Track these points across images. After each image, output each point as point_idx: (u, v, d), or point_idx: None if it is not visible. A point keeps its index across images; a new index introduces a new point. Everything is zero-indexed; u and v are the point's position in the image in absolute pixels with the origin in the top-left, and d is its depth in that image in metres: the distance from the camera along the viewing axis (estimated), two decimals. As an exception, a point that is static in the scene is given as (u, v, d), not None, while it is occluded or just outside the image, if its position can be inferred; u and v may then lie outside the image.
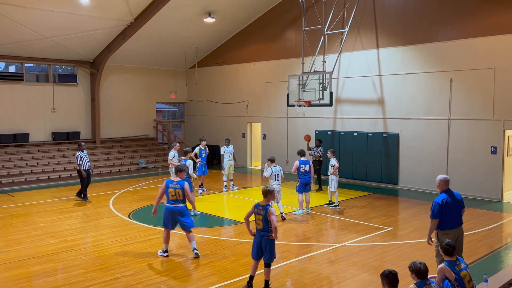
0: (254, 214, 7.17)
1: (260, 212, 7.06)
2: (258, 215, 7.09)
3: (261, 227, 7.06)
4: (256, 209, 7.15)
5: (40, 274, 8.05)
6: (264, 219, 6.99)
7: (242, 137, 21.97)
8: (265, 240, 7.03)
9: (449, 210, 6.98)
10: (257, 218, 7.10)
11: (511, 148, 14.52)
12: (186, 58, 23.31)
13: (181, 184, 8.74)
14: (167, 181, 8.90)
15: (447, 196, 7.06)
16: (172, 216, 8.79)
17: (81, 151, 14.08)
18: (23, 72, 19.40)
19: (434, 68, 15.28)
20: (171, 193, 8.75)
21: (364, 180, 17.18)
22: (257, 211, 7.12)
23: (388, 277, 4.82)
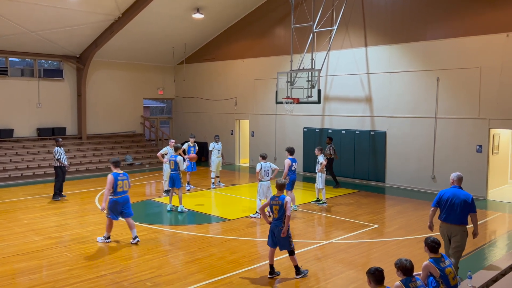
0: (271, 206, 7.61)
1: (276, 203, 7.54)
2: (275, 206, 7.56)
3: (277, 216, 7.54)
4: (273, 201, 7.61)
5: (24, 271, 7.94)
6: (280, 208, 7.48)
7: (231, 134, 21.93)
8: (278, 230, 7.51)
9: (446, 204, 7.19)
10: (274, 208, 7.58)
11: (496, 146, 14.71)
12: (174, 54, 23.17)
13: (127, 176, 9.51)
14: (114, 174, 9.29)
15: (450, 191, 7.27)
16: (119, 206, 9.39)
17: (59, 146, 13.78)
18: (7, 67, 19.08)
19: (421, 67, 15.39)
20: (120, 185, 9.28)
21: (351, 177, 17.27)
22: (273, 202, 7.59)
23: (375, 274, 4.85)
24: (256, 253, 9.17)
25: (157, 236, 10.24)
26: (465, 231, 7.15)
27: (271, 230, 7.66)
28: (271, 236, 7.66)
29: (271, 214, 7.72)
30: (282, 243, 7.60)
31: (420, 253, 8.29)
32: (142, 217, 12.05)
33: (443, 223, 7.28)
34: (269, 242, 7.74)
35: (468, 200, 7.09)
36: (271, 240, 7.68)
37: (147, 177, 18.28)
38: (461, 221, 7.11)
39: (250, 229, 10.80)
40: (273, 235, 7.63)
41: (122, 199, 9.38)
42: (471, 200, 7.12)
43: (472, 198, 7.19)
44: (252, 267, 8.21)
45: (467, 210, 7.08)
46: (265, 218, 7.97)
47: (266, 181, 11.66)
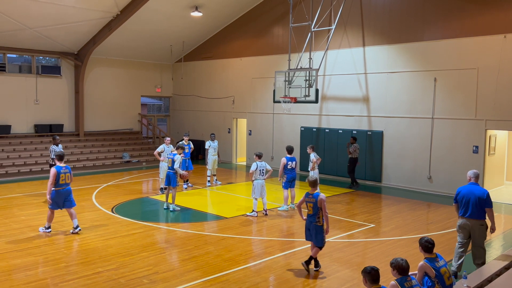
0: (306, 202, 7.88)
1: (310, 200, 7.81)
2: (308, 203, 7.85)
3: (312, 212, 7.83)
4: (307, 198, 7.87)
5: (20, 268, 7.94)
6: (314, 205, 7.75)
7: (228, 133, 21.94)
8: (313, 226, 7.85)
9: (463, 200, 7.67)
10: (308, 205, 7.87)
11: (493, 147, 14.77)
12: (172, 52, 23.15)
13: (70, 169, 10.02)
14: (57, 167, 9.80)
15: (466, 187, 7.73)
16: (61, 197, 9.85)
17: (56, 145, 13.58)
18: (5, 63, 19.04)
19: (418, 67, 15.44)
20: (62, 178, 9.80)
21: (348, 177, 17.29)
22: (307, 199, 7.86)
23: (370, 274, 4.88)
24: (252, 251, 9.20)
25: (154, 234, 10.25)
26: (483, 225, 7.61)
27: (307, 227, 7.97)
28: (307, 231, 8.00)
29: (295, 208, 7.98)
30: (316, 239, 7.86)
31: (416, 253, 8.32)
32: (139, 215, 12.07)
33: (461, 218, 7.76)
34: (306, 237, 8.08)
35: (483, 196, 7.51)
36: (307, 234, 8.02)
37: (143, 175, 18.29)
38: (478, 216, 7.56)
39: (246, 227, 10.83)
40: (308, 231, 7.95)
41: (64, 190, 9.87)
42: (487, 196, 7.54)
43: (488, 194, 7.59)
44: (248, 265, 8.24)
45: (483, 205, 7.52)
46: (300, 215, 8.23)
47: (261, 180, 11.72)
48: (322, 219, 7.83)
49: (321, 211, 7.77)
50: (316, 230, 7.85)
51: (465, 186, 7.80)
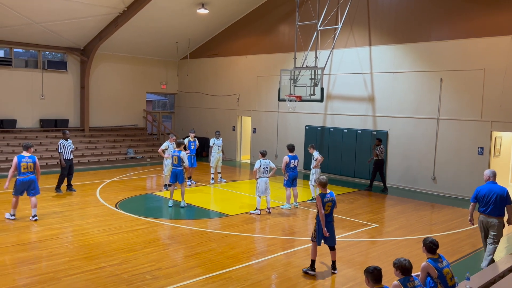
0: (324, 204, 7.72)
1: (330, 199, 7.83)
2: (328, 203, 7.81)
3: (329, 212, 7.83)
4: (326, 198, 7.78)
5: (24, 261, 7.99)
6: (333, 205, 7.88)
7: (232, 130, 21.94)
8: (331, 225, 7.90)
9: (484, 198, 7.97)
10: (327, 205, 7.80)
11: (498, 149, 14.69)
12: (178, 49, 23.16)
13: (33, 159, 10.49)
14: (18, 156, 10.36)
15: (486, 186, 8.07)
16: (24, 185, 10.36)
17: (65, 139, 13.62)
18: (11, 57, 19.12)
19: (425, 68, 15.37)
20: (24, 166, 10.31)
21: (352, 176, 17.29)
22: (327, 200, 7.79)
23: (373, 273, 4.87)
24: (255, 249, 9.21)
25: (157, 230, 10.28)
26: (502, 223, 7.96)
27: (323, 229, 7.66)
28: (323, 235, 7.70)
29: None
30: (334, 238, 7.90)
31: (419, 253, 8.32)
32: (142, 211, 12.11)
33: (482, 214, 8.01)
34: (324, 241, 7.82)
35: (504, 193, 7.89)
36: (327, 237, 7.75)
37: (148, 171, 18.33)
38: (498, 213, 7.88)
39: (249, 225, 10.84)
40: (322, 234, 7.70)
41: (27, 179, 10.38)
42: (507, 194, 7.90)
43: (507, 191, 7.93)
44: (250, 263, 8.25)
45: (503, 203, 7.86)
46: (323, 222, 7.69)
47: (265, 178, 11.75)
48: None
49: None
50: (333, 229, 7.91)
51: (485, 185, 8.09)
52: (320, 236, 7.77)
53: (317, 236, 7.80)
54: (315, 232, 7.85)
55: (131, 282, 7.20)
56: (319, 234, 7.77)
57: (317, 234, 7.80)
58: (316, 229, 7.81)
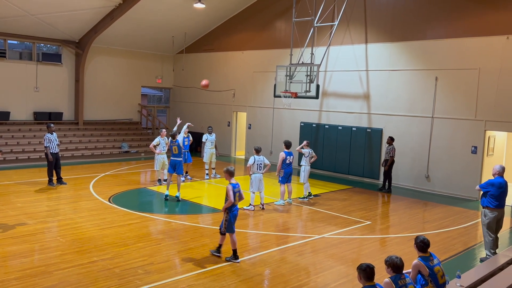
0: (235, 193, 8.04)
1: (238, 190, 8.12)
2: (237, 193, 8.10)
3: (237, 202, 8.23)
4: (235, 189, 8.07)
5: (16, 255, 7.96)
6: (239, 195, 8.22)
7: (227, 126, 21.91)
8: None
9: (498, 192, 8.36)
10: (236, 195, 8.09)
11: (491, 148, 14.77)
12: (174, 43, 23.07)
13: None
14: None
15: (497, 181, 8.42)
16: None
17: (50, 133, 13.46)
18: (6, 49, 18.98)
19: (420, 66, 15.40)
20: None
21: (346, 173, 17.32)
22: (236, 190, 8.07)
23: (365, 271, 4.88)
24: (248, 244, 9.22)
25: (150, 225, 10.27)
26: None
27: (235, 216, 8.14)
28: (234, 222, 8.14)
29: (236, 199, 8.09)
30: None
31: (411, 251, 8.35)
32: (136, 205, 12.08)
33: (497, 209, 8.45)
34: (232, 229, 8.12)
35: (507, 187, 8.51)
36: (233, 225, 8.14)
37: (142, 165, 18.29)
38: (504, 206, 8.58)
39: (242, 221, 10.83)
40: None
41: None
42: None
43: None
44: (243, 259, 8.25)
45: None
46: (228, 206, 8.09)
47: (259, 174, 11.76)
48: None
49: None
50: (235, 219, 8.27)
51: (495, 180, 8.44)
52: (232, 225, 8.08)
53: (228, 226, 8.05)
54: (226, 223, 8.04)
55: (123, 277, 7.19)
56: (230, 224, 8.04)
57: (228, 224, 8.05)
58: (228, 220, 8.03)
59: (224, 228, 8.07)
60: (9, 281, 6.86)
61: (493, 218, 8.48)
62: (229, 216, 8.04)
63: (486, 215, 8.54)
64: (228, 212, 8.05)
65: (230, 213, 8.05)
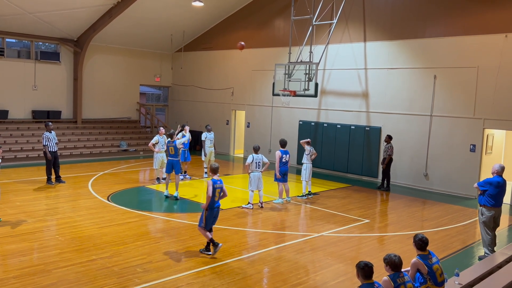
0: (215, 189, 8.16)
1: (219, 186, 8.24)
2: (217, 189, 8.22)
3: (218, 199, 8.26)
4: (216, 185, 8.19)
5: (14, 253, 7.95)
6: (221, 191, 8.29)
7: (226, 124, 21.91)
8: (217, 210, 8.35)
9: (496, 191, 8.42)
10: (217, 191, 8.21)
11: (490, 146, 14.79)
12: (172, 42, 23.04)
13: None
14: None
15: (495, 180, 8.45)
16: None
17: (49, 131, 13.46)
18: (4, 47, 18.93)
19: (419, 64, 15.41)
20: None
21: (344, 172, 17.33)
22: (217, 186, 8.19)
23: (364, 270, 4.89)
24: (246, 243, 9.23)
25: (149, 223, 10.27)
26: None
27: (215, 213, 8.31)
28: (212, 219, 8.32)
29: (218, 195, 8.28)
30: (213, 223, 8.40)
31: (409, 249, 8.37)
32: (135, 204, 12.08)
33: (494, 208, 8.49)
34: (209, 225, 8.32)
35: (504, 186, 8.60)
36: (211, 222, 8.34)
37: (140, 164, 18.28)
38: (502, 203, 8.67)
39: (241, 219, 10.85)
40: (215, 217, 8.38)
41: None
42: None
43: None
44: (242, 257, 8.27)
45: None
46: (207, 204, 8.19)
47: (258, 172, 11.76)
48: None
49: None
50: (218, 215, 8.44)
51: (493, 179, 8.46)
52: (209, 222, 8.23)
53: (207, 223, 8.20)
54: (205, 220, 8.19)
55: (122, 275, 7.19)
56: (207, 221, 8.19)
57: (206, 221, 8.19)
58: (207, 217, 8.19)
59: (203, 224, 8.21)
60: (8, 280, 6.85)
61: (490, 217, 8.53)
62: (207, 214, 8.17)
63: (483, 214, 8.59)
64: (208, 209, 8.16)
65: (209, 210, 8.17)
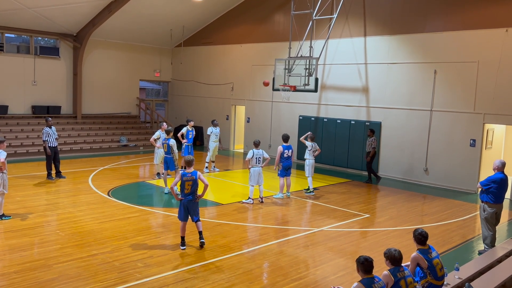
0: (183, 182, 8.13)
1: (189, 178, 8.14)
2: (187, 181, 8.13)
3: (189, 191, 8.16)
4: (185, 177, 8.13)
5: (15, 248, 7.97)
6: (193, 184, 8.15)
7: (226, 120, 21.89)
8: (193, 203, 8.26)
9: (498, 188, 8.43)
10: (187, 184, 8.15)
11: (490, 141, 14.79)
12: (172, 36, 22.98)
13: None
14: None
15: (498, 176, 8.46)
16: None
17: (48, 127, 13.46)
18: (3, 43, 18.88)
19: (419, 59, 15.38)
20: None
21: (344, 167, 17.34)
22: (185, 179, 8.12)
23: (364, 264, 4.91)
24: (247, 238, 9.25)
25: (149, 218, 10.28)
26: None
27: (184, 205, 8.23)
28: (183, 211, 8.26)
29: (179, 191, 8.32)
30: (193, 215, 8.30)
31: (409, 243, 8.39)
32: (135, 199, 12.09)
33: (496, 204, 8.50)
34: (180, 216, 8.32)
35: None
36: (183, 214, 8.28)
37: (141, 159, 18.28)
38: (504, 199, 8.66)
39: (241, 214, 10.87)
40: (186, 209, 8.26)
41: None
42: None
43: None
44: (242, 252, 8.29)
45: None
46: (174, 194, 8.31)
47: (258, 167, 11.77)
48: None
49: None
50: (195, 206, 8.34)
51: (497, 176, 8.46)
52: (181, 214, 8.27)
53: (179, 213, 8.33)
54: (178, 210, 8.37)
55: (123, 270, 7.21)
56: (180, 211, 8.29)
57: (179, 211, 8.33)
58: (179, 207, 8.33)
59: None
60: (9, 274, 6.87)
61: (492, 213, 8.55)
62: (180, 204, 8.33)
63: (485, 210, 8.60)
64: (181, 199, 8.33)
65: (181, 201, 8.32)
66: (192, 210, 8.26)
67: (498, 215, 8.68)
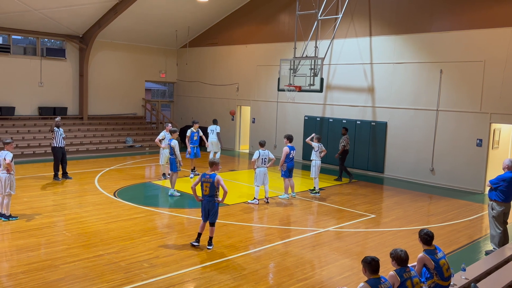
0: (202, 183, 8.26)
1: (208, 180, 8.21)
2: (205, 183, 8.24)
3: (208, 193, 8.23)
4: (203, 178, 8.26)
5: (22, 249, 8.02)
6: (211, 186, 8.20)
7: (231, 120, 21.91)
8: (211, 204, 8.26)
9: (508, 187, 8.40)
10: (205, 185, 8.25)
11: (496, 141, 14.70)
12: (177, 37, 23.03)
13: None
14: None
15: (508, 175, 8.47)
16: None
17: (57, 127, 13.56)
18: (10, 44, 19.01)
19: (425, 59, 15.32)
20: None
21: (350, 167, 17.27)
22: (204, 180, 8.25)
23: (371, 264, 4.90)
24: (252, 238, 9.25)
25: (155, 219, 10.31)
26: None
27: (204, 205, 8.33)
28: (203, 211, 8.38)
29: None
30: (211, 217, 8.34)
31: (415, 244, 8.35)
32: (141, 199, 12.13)
33: (505, 203, 8.49)
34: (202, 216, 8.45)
35: None
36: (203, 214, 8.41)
37: (146, 160, 18.34)
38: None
39: (247, 214, 10.87)
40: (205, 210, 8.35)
41: None
42: None
43: None
44: (248, 252, 8.29)
45: None
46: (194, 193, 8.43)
47: (263, 168, 11.79)
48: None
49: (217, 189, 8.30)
50: (214, 208, 8.34)
51: (508, 175, 8.46)
52: (202, 213, 8.41)
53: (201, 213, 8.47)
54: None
55: (129, 270, 7.23)
56: (201, 211, 8.43)
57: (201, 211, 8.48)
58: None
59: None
60: (16, 275, 6.92)
61: (501, 212, 8.52)
62: (201, 204, 8.48)
63: (493, 208, 8.57)
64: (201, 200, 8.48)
65: (202, 201, 8.46)
66: (210, 211, 8.32)
67: (506, 215, 8.62)
